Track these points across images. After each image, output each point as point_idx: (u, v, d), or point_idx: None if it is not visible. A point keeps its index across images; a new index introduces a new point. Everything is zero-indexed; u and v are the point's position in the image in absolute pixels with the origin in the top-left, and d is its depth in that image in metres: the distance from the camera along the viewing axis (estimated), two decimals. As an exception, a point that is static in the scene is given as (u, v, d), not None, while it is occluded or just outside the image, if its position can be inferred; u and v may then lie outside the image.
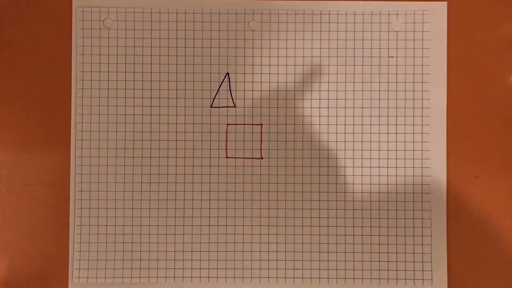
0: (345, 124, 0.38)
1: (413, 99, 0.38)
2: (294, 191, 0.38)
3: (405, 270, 0.37)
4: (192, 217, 0.38)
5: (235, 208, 0.38)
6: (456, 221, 0.38)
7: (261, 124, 0.38)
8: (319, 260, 0.38)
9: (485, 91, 0.38)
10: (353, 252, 0.38)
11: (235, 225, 0.38)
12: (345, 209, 0.38)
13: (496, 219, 0.38)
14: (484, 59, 0.38)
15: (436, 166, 0.38)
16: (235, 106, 0.38)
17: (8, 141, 0.38)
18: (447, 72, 0.38)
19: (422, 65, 0.38)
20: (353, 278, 0.38)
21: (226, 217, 0.38)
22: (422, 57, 0.38)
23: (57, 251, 0.38)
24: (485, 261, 0.38)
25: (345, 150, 0.38)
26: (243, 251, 0.38)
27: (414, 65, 0.38)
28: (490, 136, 0.38)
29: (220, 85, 0.38)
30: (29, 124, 0.38)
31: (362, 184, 0.38)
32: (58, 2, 0.38)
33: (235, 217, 0.38)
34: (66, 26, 0.38)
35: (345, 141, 0.38)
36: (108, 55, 0.38)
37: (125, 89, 0.38)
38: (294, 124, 0.38)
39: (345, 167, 0.38)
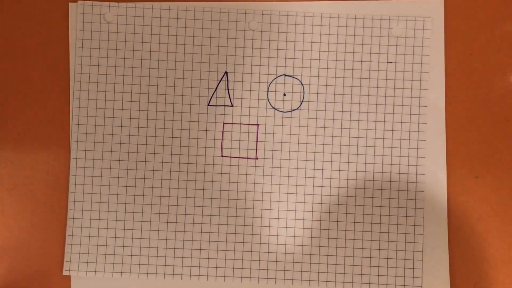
0: (341, 128, 0.38)
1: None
2: (287, 193, 0.38)
3: (396, 276, 0.37)
4: (185, 214, 0.38)
5: (228, 207, 0.38)
6: (456, 222, 0.38)
7: (258, 125, 0.38)
8: (310, 263, 0.38)
9: (485, 91, 0.38)
10: (344, 256, 0.38)
11: (227, 224, 0.38)
12: (338, 213, 0.38)
13: (496, 220, 0.38)
14: (484, 59, 0.38)
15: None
16: (232, 105, 0.38)
17: (8, 141, 0.38)
18: (447, 71, 0.38)
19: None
20: (344, 282, 0.38)
21: (219, 215, 0.38)
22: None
23: (57, 251, 0.38)
24: (486, 262, 0.38)
25: (340, 153, 0.38)
26: (234, 251, 0.38)
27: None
28: (490, 136, 0.38)
29: (218, 83, 0.38)
30: (29, 124, 0.38)
31: (356, 188, 0.38)
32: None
33: (227, 216, 0.38)
34: (64, 23, 0.38)
35: (340, 145, 0.38)
36: (107, 49, 0.38)
37: (123, 84, 0.38)
38: (290, 126, 0.38)
39: (339, 170, 0.38)
